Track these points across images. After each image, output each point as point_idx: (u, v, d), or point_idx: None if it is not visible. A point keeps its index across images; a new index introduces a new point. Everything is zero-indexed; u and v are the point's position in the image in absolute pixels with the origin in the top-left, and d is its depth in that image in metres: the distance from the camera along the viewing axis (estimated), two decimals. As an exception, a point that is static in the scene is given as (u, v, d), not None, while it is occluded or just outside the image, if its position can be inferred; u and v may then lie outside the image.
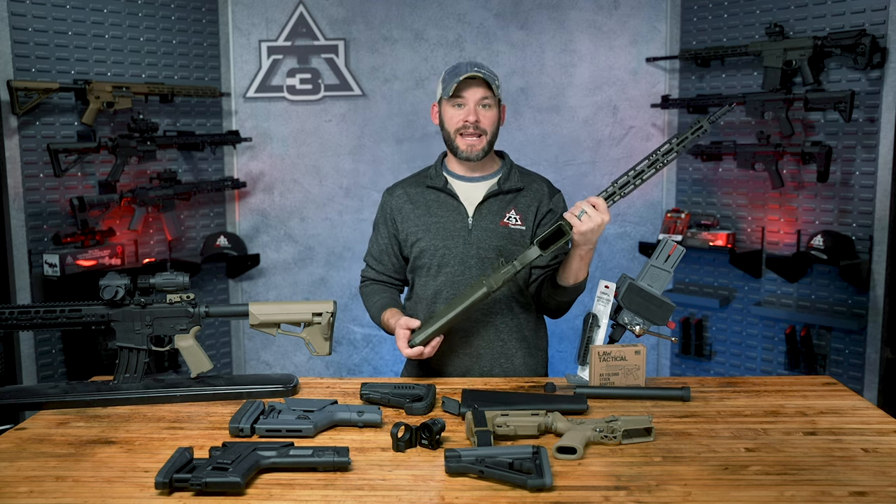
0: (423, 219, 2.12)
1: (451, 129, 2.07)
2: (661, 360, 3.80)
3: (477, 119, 2.04)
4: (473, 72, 2.01)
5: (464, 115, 2.04)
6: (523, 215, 2.10)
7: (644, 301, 1.89)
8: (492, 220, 2.09)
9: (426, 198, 2.14)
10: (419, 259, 2.12)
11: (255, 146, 3.77)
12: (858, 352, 3.05)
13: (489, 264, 2.05)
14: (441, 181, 2.12)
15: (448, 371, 2.10)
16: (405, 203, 2.15)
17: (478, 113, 2.04)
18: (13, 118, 2.99)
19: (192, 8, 3.55)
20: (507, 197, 2.11)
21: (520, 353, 2.12)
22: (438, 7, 3.70)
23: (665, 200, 3.70)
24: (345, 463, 1.42)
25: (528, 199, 2.12)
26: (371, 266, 2.23)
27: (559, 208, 2.15)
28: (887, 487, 1.36)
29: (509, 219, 2.09)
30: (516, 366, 2.11)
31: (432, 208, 2.12)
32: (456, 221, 2.09)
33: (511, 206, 2.11)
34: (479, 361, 2.09)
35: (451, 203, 2.11)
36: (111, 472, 1.45)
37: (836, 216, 3.11)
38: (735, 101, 1.56)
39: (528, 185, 2.14)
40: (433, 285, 2.10)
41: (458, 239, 2.08)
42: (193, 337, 1.90)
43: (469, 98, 2.04)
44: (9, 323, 1.83)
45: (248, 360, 3.93)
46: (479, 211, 2.09)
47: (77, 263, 3.08)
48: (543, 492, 1.33)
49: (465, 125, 2.04)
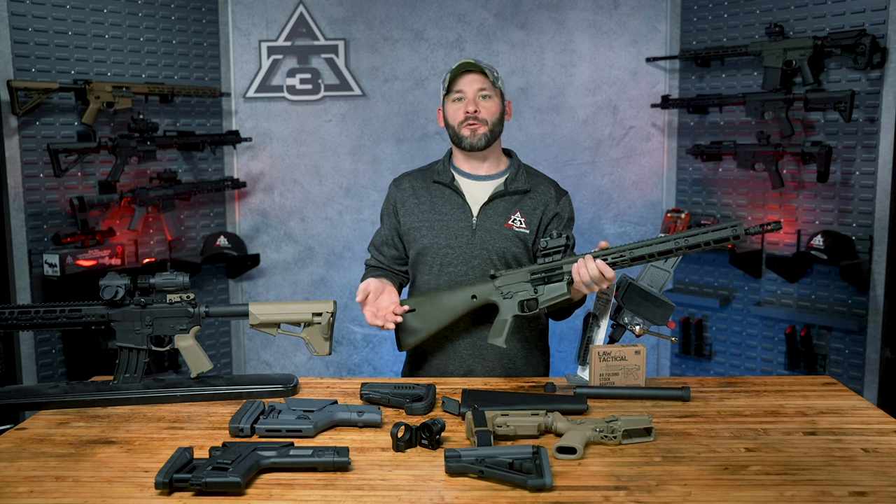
0: (426, 214, 2.11)
1: (454, 123, 2.08)
2: (661, 360, 3.80)
3: (476, 109, 2.04)
4: (468, 60, 2.02)
5: (463, 107, 2.05)
6: (528, 218, 2.09)
7: (644, 301, 1.89)
8: (496, 221, 2.08)
9: (431, 193, 2.13)
10: (422, 256, 2.12)
11: (255, 146, 3.77)
12: (858, 352, 3.05)
13: (492, 266, 2.04)
14: (448, 177, 2.12)
15: (450, 371, 2.10)
16: (409, 196, 2.15)
17: (477, 104, 2.04)
18: (13, 118, 2.99)
19: (192, 8, 3.55)
20: (513, 198, 2.10)
21: (522, 354, 2.12)
22: (438, 7, 3.70)
23: (665, 200, 3.70)
24: (345, 463, 1.42)
25: (533, 202, 2.11)
26: (373, 255, 2.24)
27: (566, 212, 2.15)
28: (887, 487, 1.36)
29: (514, 221, 2.08)
30: (518, 366, 2.11)
31: (437, 204, 2.11)
32: (460, 220, 2.09)
33: (517, 208, 2.10)
34: (483, 362, 2.09)
35: (456, 200, 2.10)
36: (111, 472, 1.45)
37: (836, 216, 3.11)
38: (771, 225, 1.54)
39: (534, 187, 2.13)
40: (435, 283, 2.10)
41: (461, 238, 2.08)
42: (193, 337, 1.90)
43: (467, 90, 2.05)
44: (9, 323, 1.83)
45: (248, 360, 3.93)
46: (485, 211, 2.09)
47: (77, 263, 3.08)
48: (543, 492, 1.33)
49: (465, 116, 2.05)
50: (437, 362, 2.10)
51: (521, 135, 3.72)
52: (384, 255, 2.20)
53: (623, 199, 3.75)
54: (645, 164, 3.71)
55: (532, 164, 2.26)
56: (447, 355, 2.08)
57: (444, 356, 2.08)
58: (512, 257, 2.07)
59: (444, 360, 2.10)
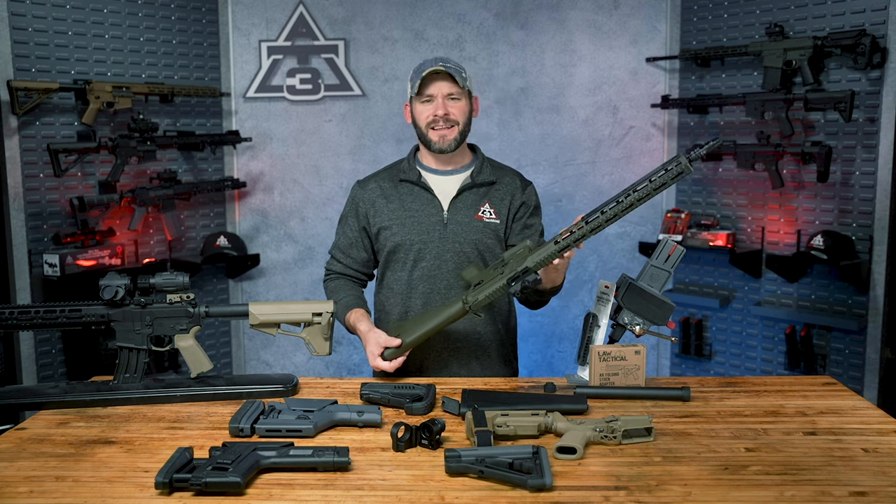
0: (397, 212, 2.13)
1: (422, 124, 2.09)
2: (661, 360, 3.80)
3: (446, 112, 2.06)
4: (438, 66, 2.03)
5: (433, 110, 2.07)
6: (497, 209, 2.13)
7: (644, 301, 1.89)
8: (466, 213, 2.11)
9: (399, 191, 2.15)
10: (394, 253, 2.13)
11: (255, 146, 3.77)
12: (858, 352, 3.05)
13: (465, 258, 2.08)
14: (415, 174, 2.14)
15: (427, 364, 2.12)
16: (378, 197, 2.17)
17: (446, 106, 2.06)
18: (13, 118, 2.99)
19: (192, 8, 3.55)
20: (480, 190, 2.14)
21: (494, 344, 2.16)
22: (438, 7, 3.70)
23: (665, 200, 3.70)
24: (345, 463, 1.42)
25: (501, 193, 2.15)
26: (337, 259, 2.23)
27: (531, 201, 2.18)
28: (887, 487, 1.36)
29: (483, 212, 2.12)
30: (493, 357, 2.15)
31: (406, 202, 2.14)
32: (431, 215, 2.11)
33: (485, 199, 2.13)
34: (457, 354, 2.12)
35: (425, 196, 2.13)
36: (111, 472, 1.45)
37: (836, 216, 3.11)
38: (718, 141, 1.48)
39: (500, 179, 2.17)
40: (408, 279, 2.12)
41: (433, 233, 2.10)
42: (193, 337, 1.90)
43: (436, 93, 2.06)
44: (9, 323, 1.83)
45: (248, 360, 3.93)
46: (455, 205, 2.12)
47: (77, 263, 3.08)
48: (543, 492, 1.33)
49: (434, 119, 2.07)
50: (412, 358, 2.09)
51: (521, 135, 3.73)
52: (352, 257, 2.20)
53: (623, 199, 3.74)
54: (645, 164, 3.71)
55: (532, 164, 2.27)
56: (422, 351, 2.09)
57: (418, 352, 2.08)
58: (485, 248, 2.10)
59: (420, 356, 2.11)
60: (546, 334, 3.74)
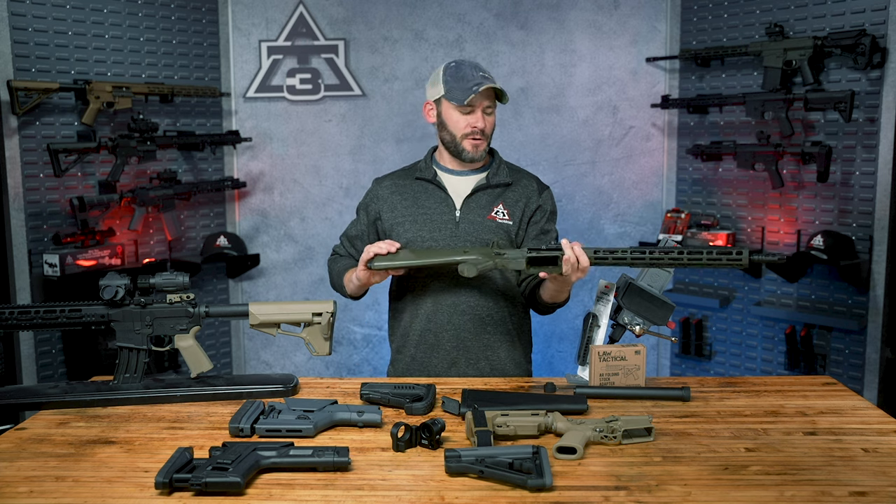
0: (410, 209, 2.14)
1: (457, 133, 2.09)
2: (661, 360, 3.80)
3: (484, 126, 2.08)
4: (488, 85, 2.03)
5: (472, 122, 2.07)
6: (511, 210, 2.13)
7: (644, 301, 1.89)
8: (479, 213, 2.11)
9: (414, 189, 2.16)
10: None
11: (255, 146, 3.77)
12: (858, 352, 3.05)
13: None
14: (430, 173, 2.15)
15: (435, 363, 2.12)
16: (392, 194, 2.18)
17: (484, 120, 2.08)
18: (13, 118, 2.99)
19: (192, 8, 3.55)
20: (495, 191, 2.14)
21: (504, 346, 2.15)
22: (438, 7, 3.70)
23: (665, 200, 3.70)
24: (345, 463, 1.42)
25: (516, 195, 2.15)
26: (343, 245, 2.27)
27: (548, 206, 2.18)
28: (887, 487, 1.36)
29: (497, 213, 2.12)
30: (502, 358, 2.14)
31: (420, 199, 2.14)
32: (444, 213, 2.11)
33: (499, 200, 2.13)
34: (467, 353, 2.11)
35: (439, 194, 2.14)
36: (111, 472, 1.45)
37: (836, 216, 3.11)
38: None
39: (516, 181, 2.17)
40: (419, 276, 2.11)
41: (445, 231, 2.10)
42: (193, 337, 1.90)
43: (478, 105, 2.07)
44: (9, 323, 1.83)
45: (248, 360, 3.93)
46: (467, 204, 2.12)
47: (77, 263, 3.08)
48: (543, 492, 1.33)
49: (472, 131, 2.07)
50: (422, 356, 2.11)
51: (521, 135, 3.72)
52: (356, 248, 2.21)
53: (623, 200, 3.75)
54: (645, 165, 3.71)
55: (532, 164, 2.27)
56: (431, 348, 2.10)
57: (427, 349, 2.10)
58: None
59: (429, 354, 2.11)
60: (546, 334, 3.74)
